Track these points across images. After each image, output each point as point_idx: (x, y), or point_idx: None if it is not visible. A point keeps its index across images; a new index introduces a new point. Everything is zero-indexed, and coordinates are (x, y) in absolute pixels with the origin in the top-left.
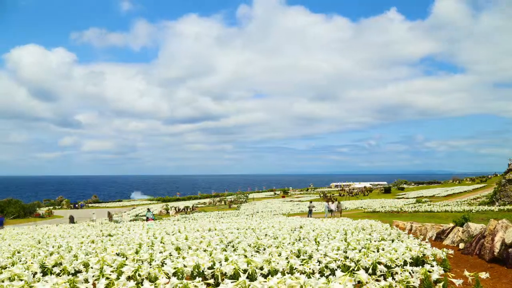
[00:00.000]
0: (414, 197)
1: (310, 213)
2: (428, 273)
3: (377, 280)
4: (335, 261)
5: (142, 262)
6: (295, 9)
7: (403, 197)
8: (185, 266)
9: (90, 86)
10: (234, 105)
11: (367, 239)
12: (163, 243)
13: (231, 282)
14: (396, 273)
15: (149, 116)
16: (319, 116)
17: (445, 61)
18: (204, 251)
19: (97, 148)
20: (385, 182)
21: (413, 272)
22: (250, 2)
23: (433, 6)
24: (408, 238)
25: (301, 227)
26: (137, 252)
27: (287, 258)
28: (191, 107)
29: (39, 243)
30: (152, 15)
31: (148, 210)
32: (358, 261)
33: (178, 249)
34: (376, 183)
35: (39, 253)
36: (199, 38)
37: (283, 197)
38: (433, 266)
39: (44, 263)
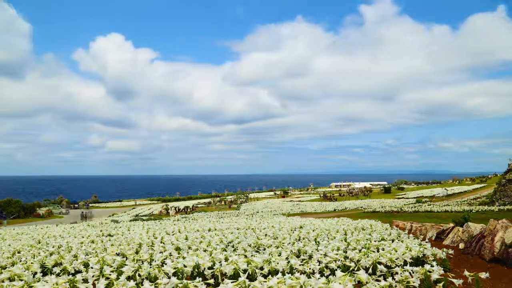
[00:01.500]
0: (414, 197)
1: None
2: (428, 273)
3: (377, 280)
4: (335, 261)
5: (142, 262)
6: (402, 19)
7: (403, 197)
8: (185, 266)
9: (164, 84)
10: (295, 107)
11: (367, 239)
12: (163, 243)
13: (231, 282)
14: (396, 273)
15: (203, 116)
16: (362, 117)
17: None
18: (204, 251)
19: (126, 148)
20: (385, 182)
21: (413, 272)
22: (356, 10)
23: None
24: (408, 238)
25: (301, 227)
26: (137, 252)
27: (287, 258)
28: (250, 108)
29: (39, 243)
30: (256, 18)
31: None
32: (358, 261)
33: (178, 249)
34: (376, 183)
35: (39, 253)
36: (297, 41)
37: (283, 197)
38: (433, 266)
39: (44, 263)
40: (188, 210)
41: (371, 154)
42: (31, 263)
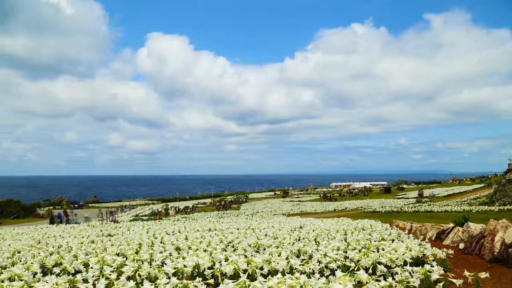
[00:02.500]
0: (414, 197)
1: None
2: (428, 273)
3: (377, 280)
4: (335, 261)
5: (142, 262)
6: (465, 26)
7: (403, 197)
8: (185, 266)
9: (213, 85)
10: (336, 108)
11: (367, 239)
12: (163, 243)
13: (231, 282)
14: (396, 273)
15: (238, 117)
16: (390, 118)
17: None
18: (204, 251)
19: (144, 148)
20: (385, 182)
21: (413, 272)
22: (421, 18)
23: None
24: (408, 238)
25: (301, 227)
26: (137, 252)
27: (287, 258)
28: (291, 109)
29: (39, 243)
30: (318, 22)
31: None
32: (358, 261)
33: (178, 249)
34: (376, 183)
35: (39, 253)
36: (359, 44)
37: (283, 197)
38: (433, 266)
39: (44, 263)
40: (188, 210)
41: (378, 154)
42: (31, 263)
